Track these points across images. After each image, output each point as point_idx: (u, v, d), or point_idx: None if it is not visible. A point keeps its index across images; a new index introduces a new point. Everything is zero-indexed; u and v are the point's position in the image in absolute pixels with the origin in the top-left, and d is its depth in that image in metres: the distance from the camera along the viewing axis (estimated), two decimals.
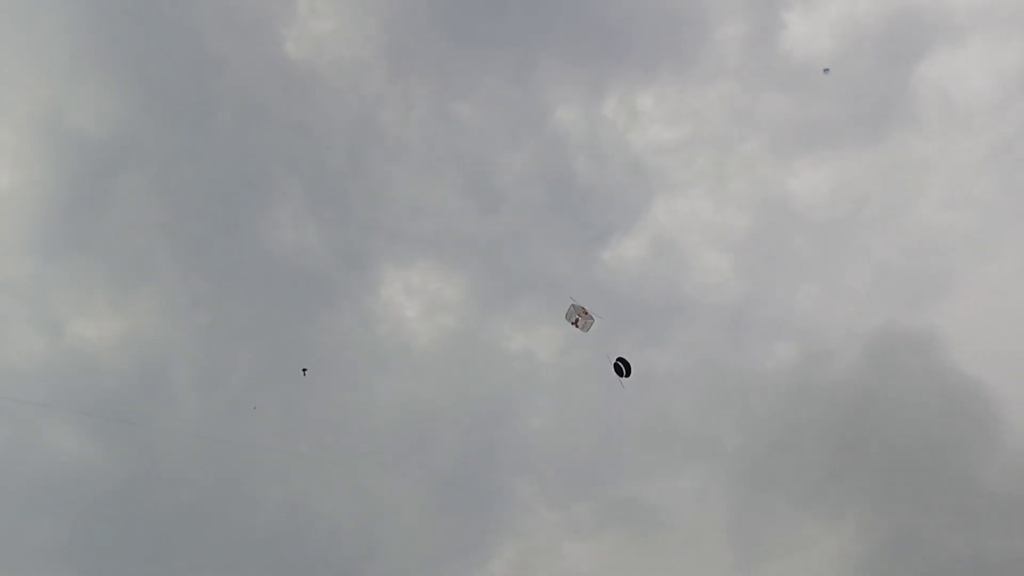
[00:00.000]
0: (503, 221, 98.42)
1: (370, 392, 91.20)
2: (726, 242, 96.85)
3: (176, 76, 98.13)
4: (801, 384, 77.13)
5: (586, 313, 61.54)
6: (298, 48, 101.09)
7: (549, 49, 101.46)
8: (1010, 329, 75.76)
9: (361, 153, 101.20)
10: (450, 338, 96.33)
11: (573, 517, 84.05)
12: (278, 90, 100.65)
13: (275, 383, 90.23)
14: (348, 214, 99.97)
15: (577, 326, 62.48)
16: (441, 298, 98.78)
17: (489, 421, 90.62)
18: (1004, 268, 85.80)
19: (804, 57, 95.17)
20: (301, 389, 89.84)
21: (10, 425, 79.27)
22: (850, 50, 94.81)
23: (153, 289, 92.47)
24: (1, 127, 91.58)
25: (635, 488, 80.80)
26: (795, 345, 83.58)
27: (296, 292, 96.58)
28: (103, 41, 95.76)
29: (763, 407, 77.81)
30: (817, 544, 70.96)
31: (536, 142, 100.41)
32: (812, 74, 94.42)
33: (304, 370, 75.50)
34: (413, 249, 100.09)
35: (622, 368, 61.46)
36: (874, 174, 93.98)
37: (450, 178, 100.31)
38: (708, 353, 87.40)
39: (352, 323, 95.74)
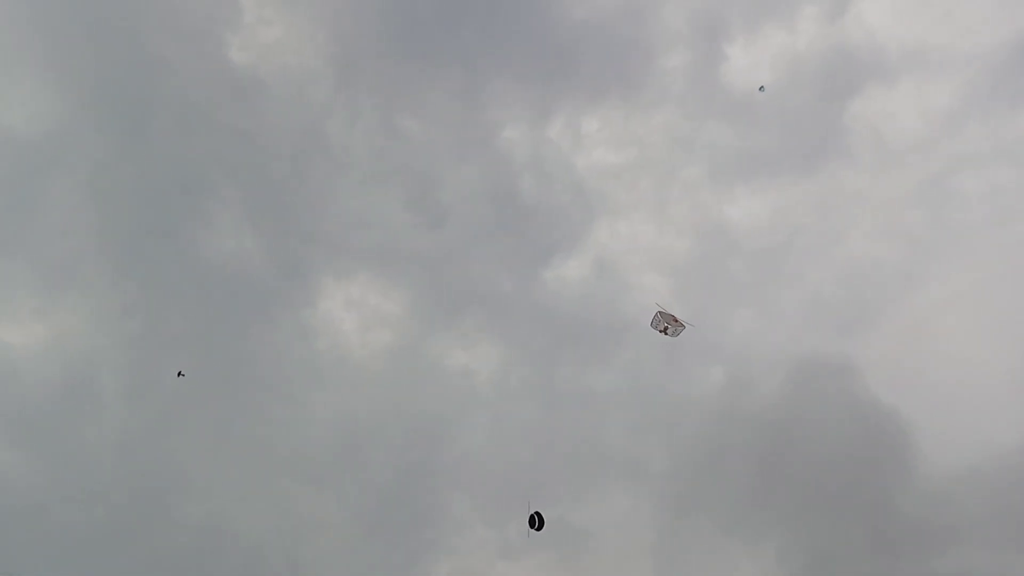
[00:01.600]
0: (447, 237, 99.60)
1: (306, 406, 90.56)
2: (666, 265, 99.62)
3: (115, 76, 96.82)
4: (726, 409, 79.66)
5: (676, 320, 61.45)
6: (244, 54, 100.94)
7: (499, 69, 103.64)
8: (929, 360, 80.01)
9: (305, 163, 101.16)
10: (389, 353, 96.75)
11: (506, 536, 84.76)
12: (221, 96, 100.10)
13: (207, 395, 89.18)
14: (289, 224, 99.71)
15: (667, 333, 62.02)
16: (381, 312, 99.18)
17: (426, 438, 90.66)
18: (928, 300, 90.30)
19: (744, 88, 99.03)
20: (234, 402, 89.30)
21: None
22: (788, 84, 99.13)
23: (81, 295, 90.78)
24: None
25: (565, 510, 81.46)
26: (729, 369, 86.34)
27: (232, 302, 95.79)
28: (37, 36, 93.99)
29: (690, 431, 79.96)
30: (739, 568, 73.28)
31: (482, 160, 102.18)
32: (752, 105, 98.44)
33: (180, 373, 74.26)
34: (354, 262, 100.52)
35: (535, 520, 61.31)
36: (808, 204, 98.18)
37: (395, 192, 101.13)
38: (644, 375, 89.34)
39: (289, 335, 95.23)
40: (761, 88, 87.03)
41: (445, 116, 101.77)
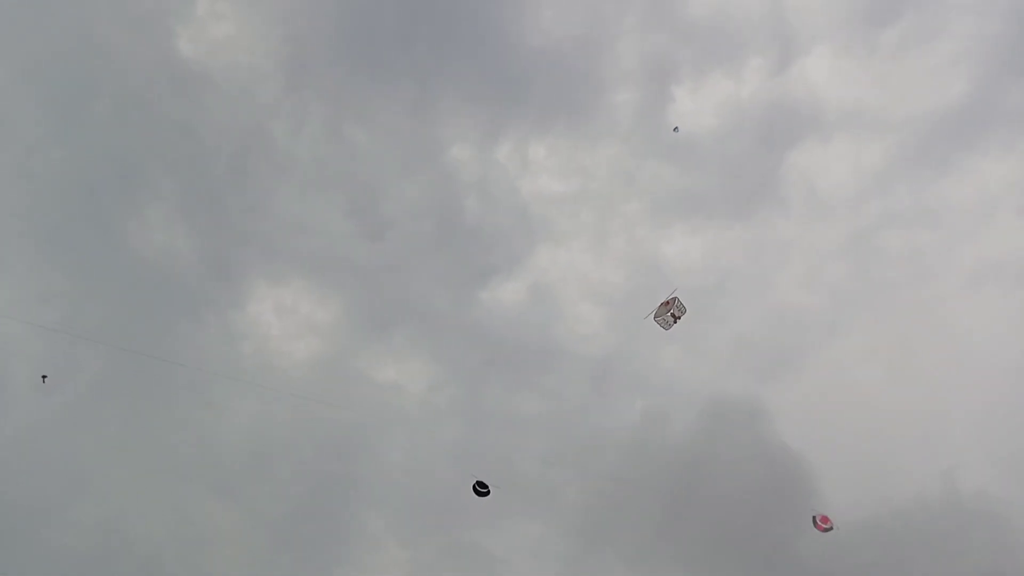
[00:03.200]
0: (386, 250, 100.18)
1: (223, 410, 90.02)
2: (600, 296, 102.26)
3: (53, 56, 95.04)
4: (640, 443, 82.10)
5: (668, 304, 62.72)
6: (192, 47, 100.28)
7: (451, 87, 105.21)
8: (841, 409, 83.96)
9: (245, 162, 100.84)
10: (315, 363, 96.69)
11: (420, 557, 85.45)
12: (164, 87, 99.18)
13: (121, 391, 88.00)
14: (224, 223, 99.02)
15: (676, 317, 62.82)
16: (312, 320, 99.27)
17: (345, 451, 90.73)
18: (847, 350, 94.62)
19: (689, 131, 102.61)
20: (152, 400, 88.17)
21: None
22: (731, 130, 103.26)
23: None
24: None
25: (477, 534, 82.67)
26: (647, 403, 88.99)
27: (158, 298, 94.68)
28: None
29: (604, 462, 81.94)
30: None
31: (427, 176, 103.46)
32: (694, 147, 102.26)
33: (44, 377, 73.52)
34: (289, 267, 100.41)
35: (479, 488, 63.82)
36: (741, 248, 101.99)
37: (336, 200, 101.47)
38: (568, 403, 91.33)
39: (214, 336, 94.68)
40: (675, 129, 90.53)
41: (393, 129, 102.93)
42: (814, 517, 62.65)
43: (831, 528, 62.24)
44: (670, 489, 75.72)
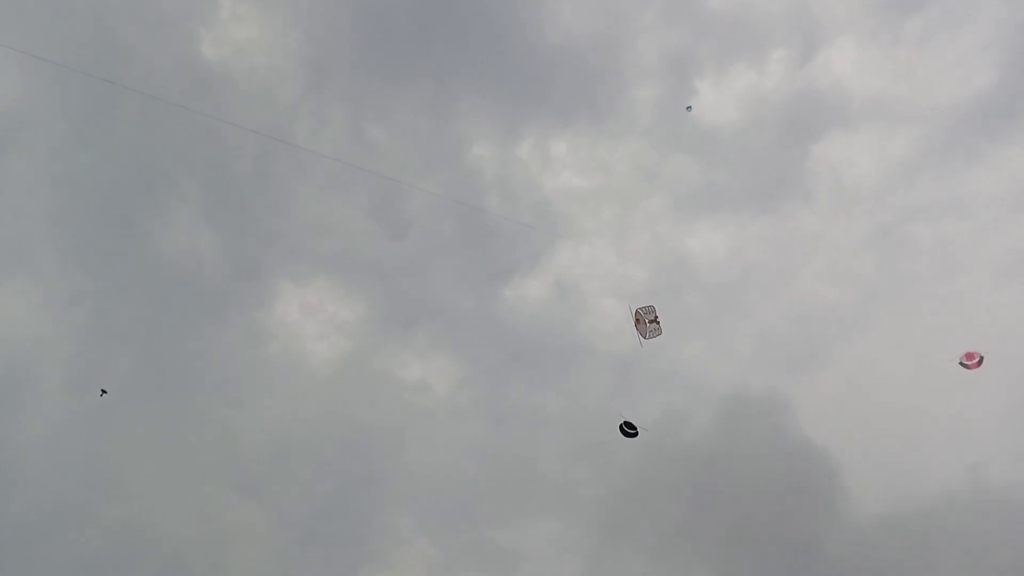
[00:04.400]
0: (408, 249, 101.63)
1: (251, 409, 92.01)
2: (624, 292, 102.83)
3: (79, 59, 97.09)
4: (661, 439, 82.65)
5: (639, 321, 63.77)
6: (215, 50, 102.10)
7: (471, 86, 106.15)
8: (867, 404, 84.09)
9: (268, 163, 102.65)
10: (342, 361, 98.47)
11: (446, 553, 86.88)
12: (189, 89, 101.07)
13: (150, 392, 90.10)
14: (248, 224, 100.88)
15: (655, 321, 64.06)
16: (337, 320, 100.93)
17: (372, 449, 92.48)
18: (873, 345, 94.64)
19: (711, 124, 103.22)
20: (181, 400, 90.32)
21: None
22: (754, 123, 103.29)
23: (28, 281, 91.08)
24: None
25: (500, 530, 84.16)
26: (672, 399, 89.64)
27: (185, 299, 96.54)
28: (2, 14, 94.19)
29: (624, 458, 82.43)
30: None
31: (449, 174, 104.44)
32: (717, 141, 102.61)
33: (103, 391, 75.30)
34: (313, 267, 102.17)
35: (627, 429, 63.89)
36: (765, 242, 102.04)
37: (358, 200, 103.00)
38: (592, 399, 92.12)
39: (241, 337, 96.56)
40: (688, 108, 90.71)
41: (414, 128, 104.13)
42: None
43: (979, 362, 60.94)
44: (691, 485, 76.56)
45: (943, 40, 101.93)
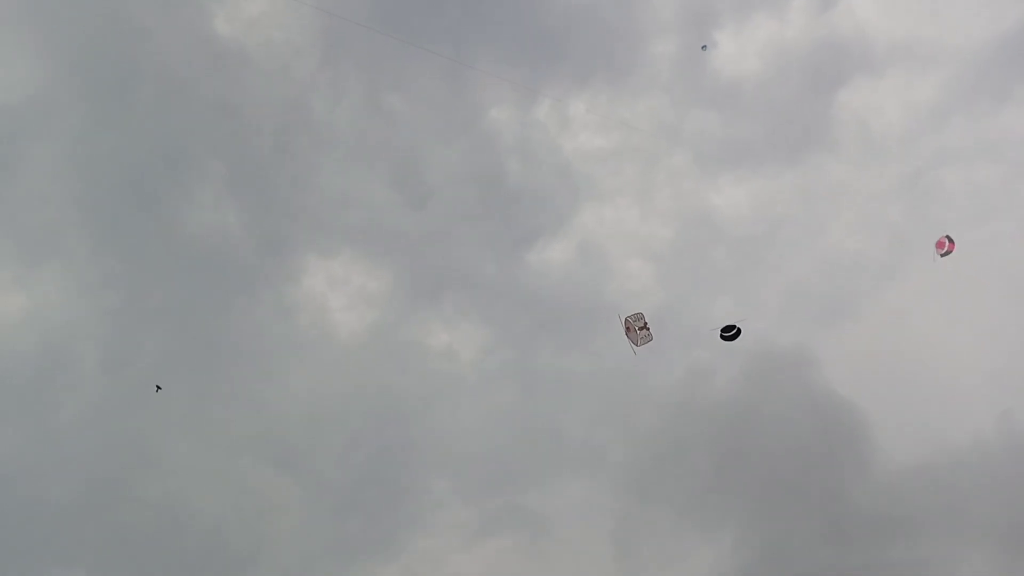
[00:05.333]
0: (431, 217, 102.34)
1: (284, 383, 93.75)
2: (649, 251, 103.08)
3: (97, 44, 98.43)
4: (686, 398, 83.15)
5: (629, 329, 64.24)
6: (229, 26, 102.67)
7: (485, 49, 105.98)
8: (899, 353, 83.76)
9: (288, 138, 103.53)
10: (370, 332, 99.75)
11: (485, 515, 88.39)
12: (205, 67, 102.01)
13: (187, 369, 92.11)
14: (272, 200, 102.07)
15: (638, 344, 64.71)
16: (364, 291, 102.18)
17: (405, 417, 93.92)
18: (905, 293, 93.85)
19: (732, 76, 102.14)
20: (214, 376, 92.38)
21: None
22: (776, 73, 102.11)
23: (61, 265, 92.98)
24: None
25: (532, 492, 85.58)
26: (701, 357, 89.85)
27: (214, 276, 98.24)
28: (19, 2, 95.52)
29: (651, 418, 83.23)
30: (694, 556, 77.26)
31: (468, 140, 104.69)
32: (739, 93, 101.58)
33: (158, 387, 77.06)
34: (338, 240, 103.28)
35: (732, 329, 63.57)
36: (792, 195, 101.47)
37: (379, 170, 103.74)
38: (620, 360, 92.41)
39: (271, 312, 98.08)
40: (704, 47, 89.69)
41: (431, 95, 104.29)
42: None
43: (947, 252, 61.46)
44: (718, 443, 77.20)
45: None
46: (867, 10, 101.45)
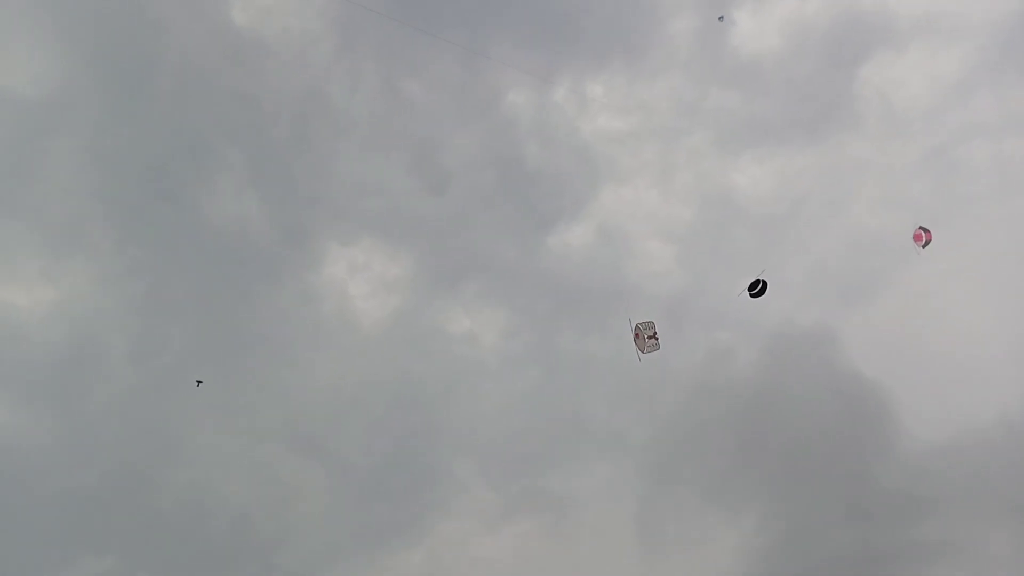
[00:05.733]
0: (450, 202, 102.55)
1: (308, 370, 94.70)
2: (670, 232, 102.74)
3: (115, 37, 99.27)
4: (707, 379, 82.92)
5: (638, 336, 64.07)
6: (245, 15, 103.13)
7: (502, 32, 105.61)
8: (925, 331, 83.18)
9: (306, 126, 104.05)
10: (393, 319, 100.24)
11: (510, 498, 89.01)
12: (222, 57, 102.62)
13: (212, 357, 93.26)
14: (292, 188, 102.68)
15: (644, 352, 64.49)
16: (385, 278, 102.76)
17: (429, 402, 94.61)
18: (932, 271, 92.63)
19: (751, 55, 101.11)
20: (239, 364, 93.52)
21: None
22: (796, 50, 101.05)
23: (87, 257, 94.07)
24: None
25: (556, 475, 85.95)
26: (734, 336, 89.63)
27: (236, 265, 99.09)
28: None
29: (673, 399, 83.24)
30: (718, 537, 77.51)
31: (486, 125, 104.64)
32: (759, 71, 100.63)
33: (199, 382, 77.89)
34: (358, 227, 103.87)
35: (759, 285, 63.02)
36: (814, 173, 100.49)
37: (397, 156, 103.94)
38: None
39: (293, 300, 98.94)
40: (720, 18, 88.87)
41: (448, 80, 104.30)
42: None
43: (926, 243, 61.22)
44: (741, 424, 77.11)
45: None
46: None
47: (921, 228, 62.34)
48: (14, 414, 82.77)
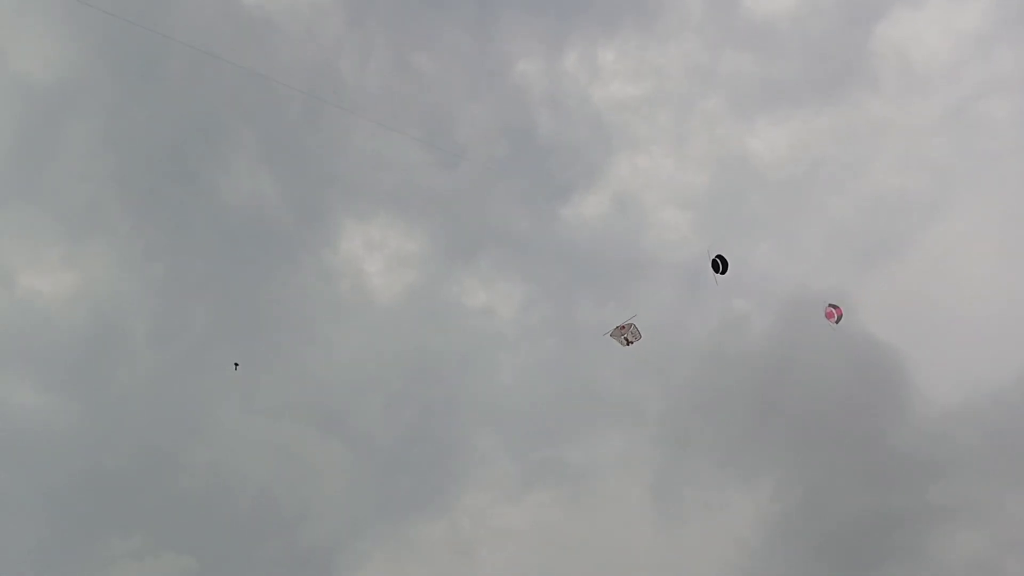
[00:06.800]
0: (463, 176, 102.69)
1: (329, 347, 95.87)
2: (686, 199, 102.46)
3: (120, 22, 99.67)
4: (720, 347, 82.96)
5: (623, 328, 64.28)
6: None
7: (511, 0, 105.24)
8: (946, 292, 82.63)
9: (318, 103, 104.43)
10: (410, 293, 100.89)
11: (530, 467, 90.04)
12: (232, 37, 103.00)
13: (232, 337, 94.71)
14: (306, 166, 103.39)
15: (630, 342, 64.72)
16: (401, 253, 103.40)
17: (448, 375, 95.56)
18: (953, 230, 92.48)
19: (765, 16, 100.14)
20: (259, 343, 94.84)
21: None
22: (811, 9, 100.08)
23: (106, 240, 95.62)
24: None
25: (566, 449, 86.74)
26: (750, 303, 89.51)
27: (253, 245, 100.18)
28: None
29: (687, 368, 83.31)
30: (734, 504, 78.17)
31: (497, 95, 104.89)
32: (773, 32, 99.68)
33: (236, 364, 79.00)
34: (373, 203, 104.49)
35: (719, 264, 63.73)
36: (831, 134, 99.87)
37: (410, 131, 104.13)
38: (664, 311, 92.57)
39: (311, 277, 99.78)
40: None
41: (458, 51, 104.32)
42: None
43: (838, 320, 62.07)
44: (757, 391, 77.34)
45: None
46: None
47: (831, 305, 62.34)
48: (40, 397, 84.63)
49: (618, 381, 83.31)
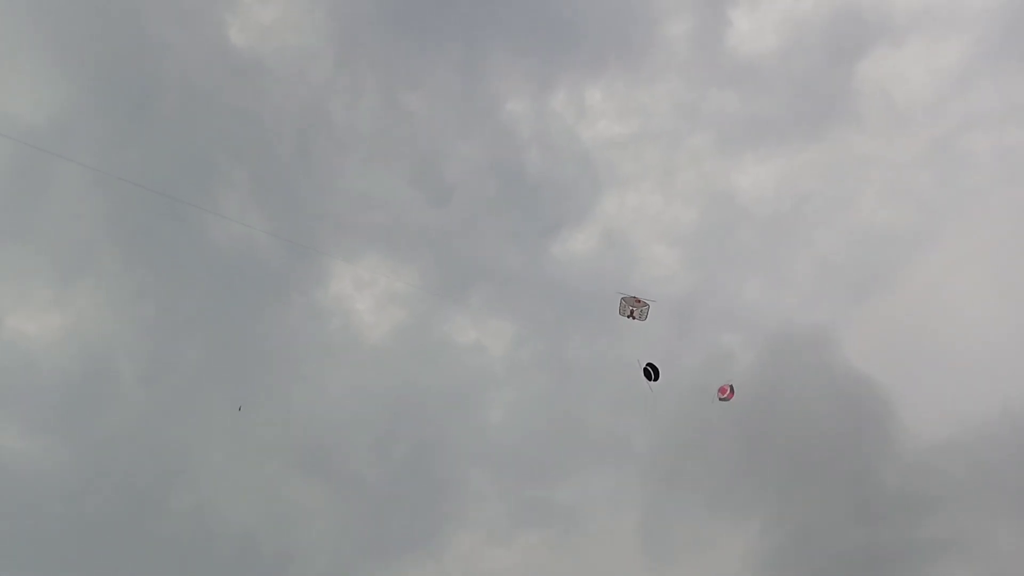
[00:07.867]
0: (453, 213, 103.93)
1: (319, 386, 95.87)
2: (674, 235, 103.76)
3: (117, 61, 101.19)
4: (705, 384, 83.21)
5: (639, 301, 64.65)
6: (243, 35, 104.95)
7: (499, 41, 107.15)
8: (932, 325, 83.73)
9: (308, 143, 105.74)
10: (400, 331, 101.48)
11: (523, 505, 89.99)
12: (223, 78, 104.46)
13: (222, 377, 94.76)
14: (296, 205, 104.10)
15: (634, 317, 64.95)
16: (391, 291, 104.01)
17: (440, 414, 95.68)
18: (938, 262, 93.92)
19: (749, 54, 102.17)
20: (249, 383, 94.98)
21: None
22: (794, 47, 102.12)
23: (95, 281, 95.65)
24: None
25: (555, 488, 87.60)
26: (738, 337, 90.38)
27: (244, 284, 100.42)
28: (40, 24, 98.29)
29: (673, 406, 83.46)
30: (724, 543, 78.32)
31: (486, 134, 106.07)
32: (757, 70, 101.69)
33: (240, 408, 79.09)
34: (362, 241, 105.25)
35: (651, 373, 64.68)
36: (817, 170, 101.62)
37: (399, 169, 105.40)
38: (655, 346, 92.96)
39: (302, 316, 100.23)
40: None
41: (447, 91, 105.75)
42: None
43: (728, 397, 62.92)
44: (745, 427, 77.77)
45: None
46: None
47: (729, 386, 63.85)
48: (25, 441, 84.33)
49: (608, 418, 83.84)
